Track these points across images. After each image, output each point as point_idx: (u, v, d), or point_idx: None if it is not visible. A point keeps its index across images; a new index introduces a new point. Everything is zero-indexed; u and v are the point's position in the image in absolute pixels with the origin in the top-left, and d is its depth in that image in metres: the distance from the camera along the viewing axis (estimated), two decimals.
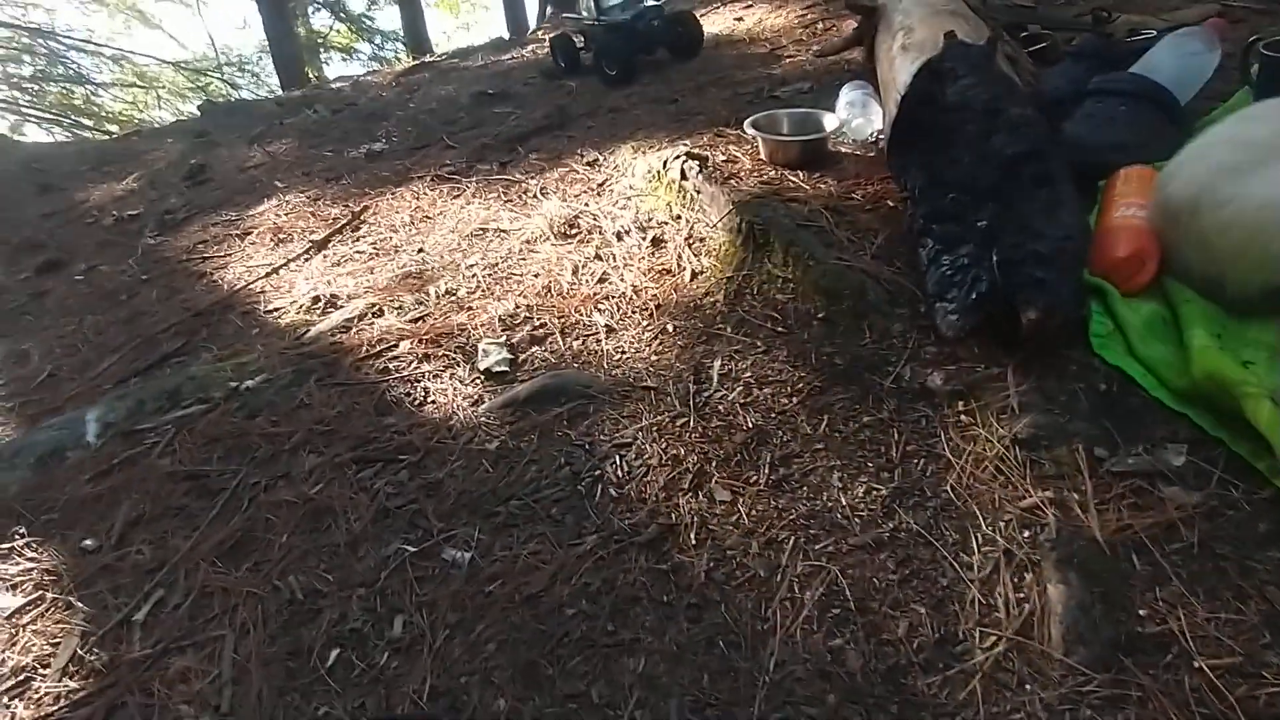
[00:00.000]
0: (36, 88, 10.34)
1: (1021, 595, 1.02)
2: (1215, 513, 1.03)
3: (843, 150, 2.07)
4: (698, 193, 1.95)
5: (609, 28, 3.40)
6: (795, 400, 1.37)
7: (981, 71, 1.55)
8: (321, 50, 11.72)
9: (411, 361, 1.73)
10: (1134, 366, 1.22)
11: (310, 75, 8.07)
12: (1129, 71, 1.85)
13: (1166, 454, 1.11)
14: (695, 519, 1.22)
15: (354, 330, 1.90)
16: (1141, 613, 0.96)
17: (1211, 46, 1.88)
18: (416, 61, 5.81)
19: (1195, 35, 1.90)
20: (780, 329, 1.53)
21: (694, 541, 1.19)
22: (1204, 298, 1.28)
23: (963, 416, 1.25)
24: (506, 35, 6.75)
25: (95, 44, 10.60)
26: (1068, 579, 1.00)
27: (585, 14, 3.59)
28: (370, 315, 1.95)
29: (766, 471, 1.27)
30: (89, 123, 10.15)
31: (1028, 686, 0.93)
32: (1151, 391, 1.19)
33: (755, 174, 1.97)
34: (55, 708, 1.17)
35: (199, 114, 5.64)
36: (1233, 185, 1.24)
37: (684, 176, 2.02)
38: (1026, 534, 1.08)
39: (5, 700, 1.21)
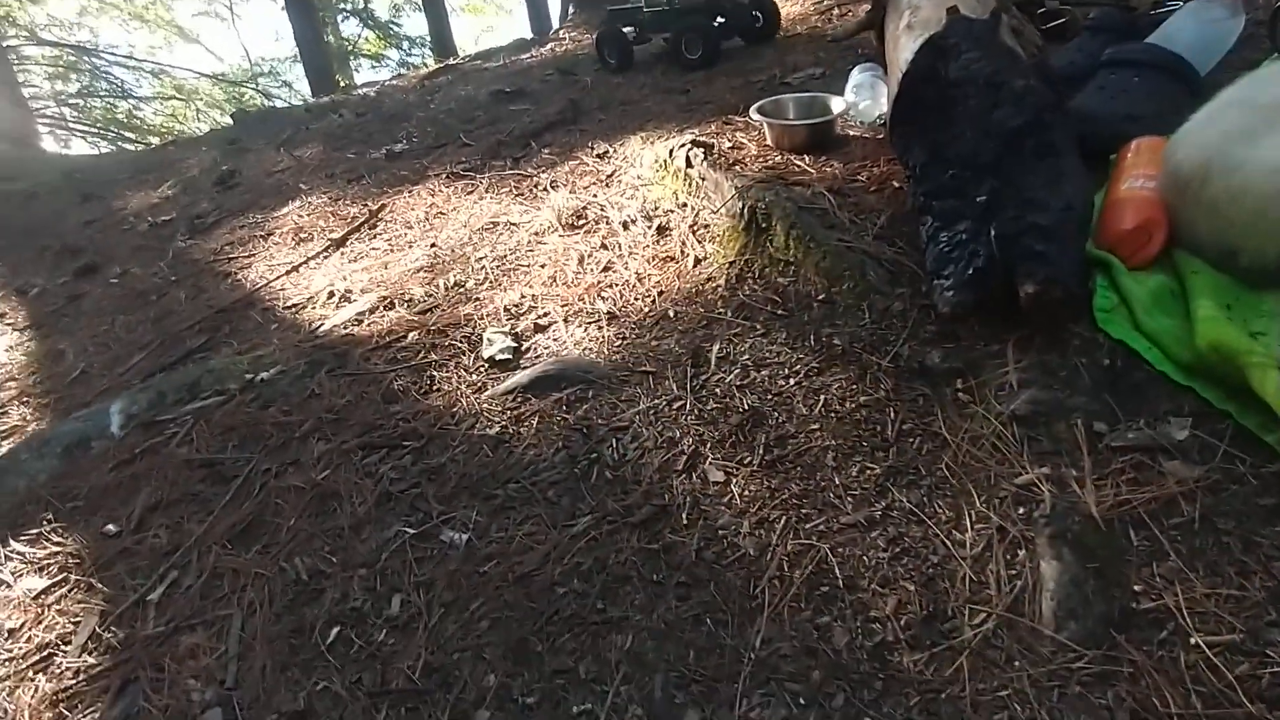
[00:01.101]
0: (82, 103, 10.79)
1: (1014, 572, 1.00)
2: (1218, 487, 1.00)
3: (851, 133, 2.04)
4: (702, 180, 1.95)
5: (686, 10, 3.21)
6: (792, 381, 1.36)
7: (985, 45, 1.51)
8: (351, 57, 11.99)
9: (419, 351, 1.76)
10: (1139, 340, 1.18)
11: (340, 82, 8.24)
12: (1145, 42, 1.79)
13: (1169, 428, 1.08)
14: (688, 500, 1.23)
15: (365, 323, 1.94)
16: (1137, 589, 0.94)
17: (1235, 13, 1.81)
18: (440, 65, 5.89)
19: (1217, 1, 1.83)
20: (780, 312, 1.52)
21: (686, 522, 1.19)
22: (1217, 269, 1.23)
23: (960, 394, 1.23)
24: (529, 36, 6.80)
25: (136, 59, 11.02)
26: (1061, 555, 0.98)
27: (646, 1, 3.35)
28: (381, 308, 1.99)
29: (761, 452, 1.26)
30: (132, 135, 10.55)
31: (1016, 663, 0.91)
32: (1157, 365, 1.15)
33: (760, 159, 1.96)
34: (74, 681, 1.23)
35: (232, 123, 5.80)
36: (1244, 150, 1.19)
37: (689, 164, 2.01)
38: (1021, 511, 1.05)
39: (30, 673, 1.27)
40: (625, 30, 3.51)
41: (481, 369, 1.65)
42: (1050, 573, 0.97)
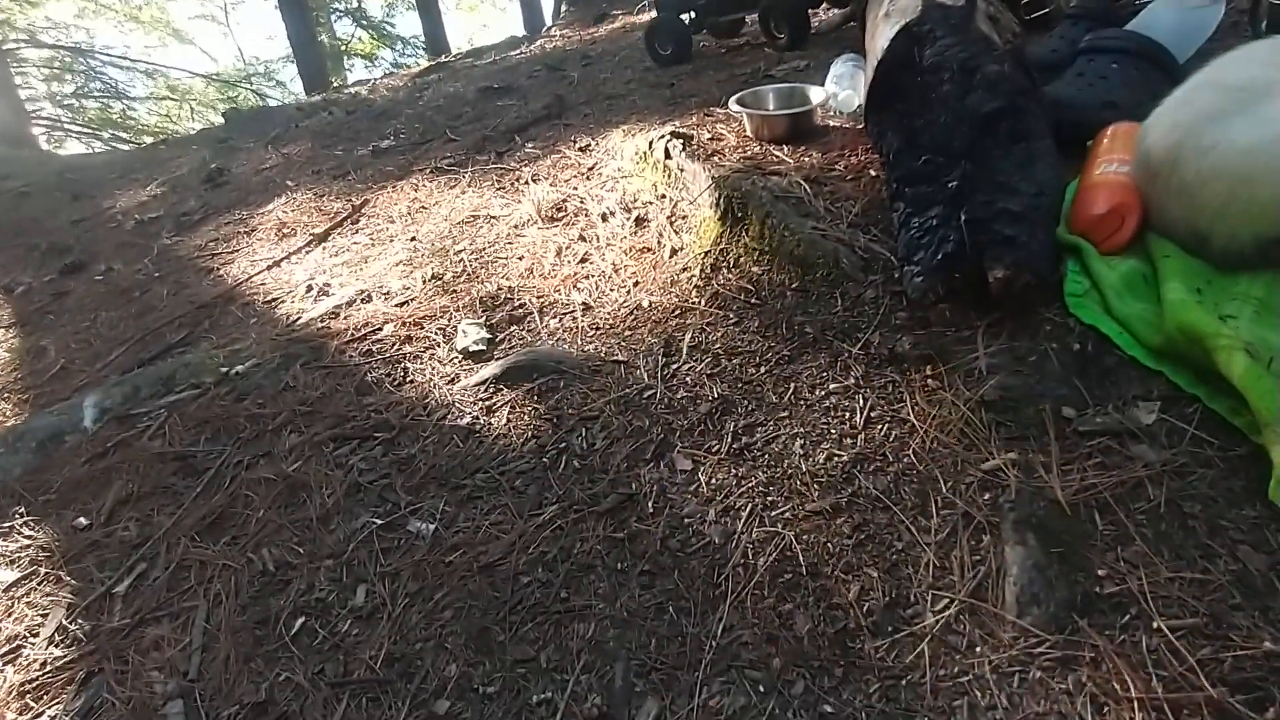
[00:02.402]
0: (77, 104, 10.79)
1: (977, 558, 0.98)
2: (1185, 471, 0.99)
3: (831, 123, 2.03)
4: (681, 170, 1.94)
5: None
6: (763, 370, 1.35)
7: (960, 31, 1.50)
8: (345, 57, 11.99)
9: (393, 344, 1.75)
10: (1109, 325, 1.17)
11: (333, 82, 8.24)
12: (1124, 29, 1.77)
13: (1138, 412, 1.06)
14: (655, 488, 1.21)
15: (342, 316, 1.93)
16: (1100, 573, 0.92)
17: (1214, 0, 1.80)
18: (432, 63, 5.89)
19: None
20: (754, 300, 1.51)
21: (652, 510, 1.18)
22: (1190, 253, 1.22)
23: (929, 381, 1.21)
24: (522, 33, 6.78)
25: (131, 60, 11.01)
26: (1025, 540, 0.96)
27: None
28: (359, 301, 1.98)
29: (729, 440, 1.25)
30: (126, 135, 10.54)
31: (977, 649, 0.90)
32: (1127, 350, 1.14)
33: (739, 150, 1.95)
34: (41, 673, 1.22)
35: (224, 121, 5.79)
36: (1216, 132, 1.18)
37: (668, 155, 2.00)
38: (987, 496, 1.04)
39: (0, 664, 1.26)
40: (682, 17, 3.17)
41: (455, 360, 1.64)
42: (1014, 558, 0.96)
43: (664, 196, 1.96)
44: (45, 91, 10.62)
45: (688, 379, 1.39)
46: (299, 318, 2.00)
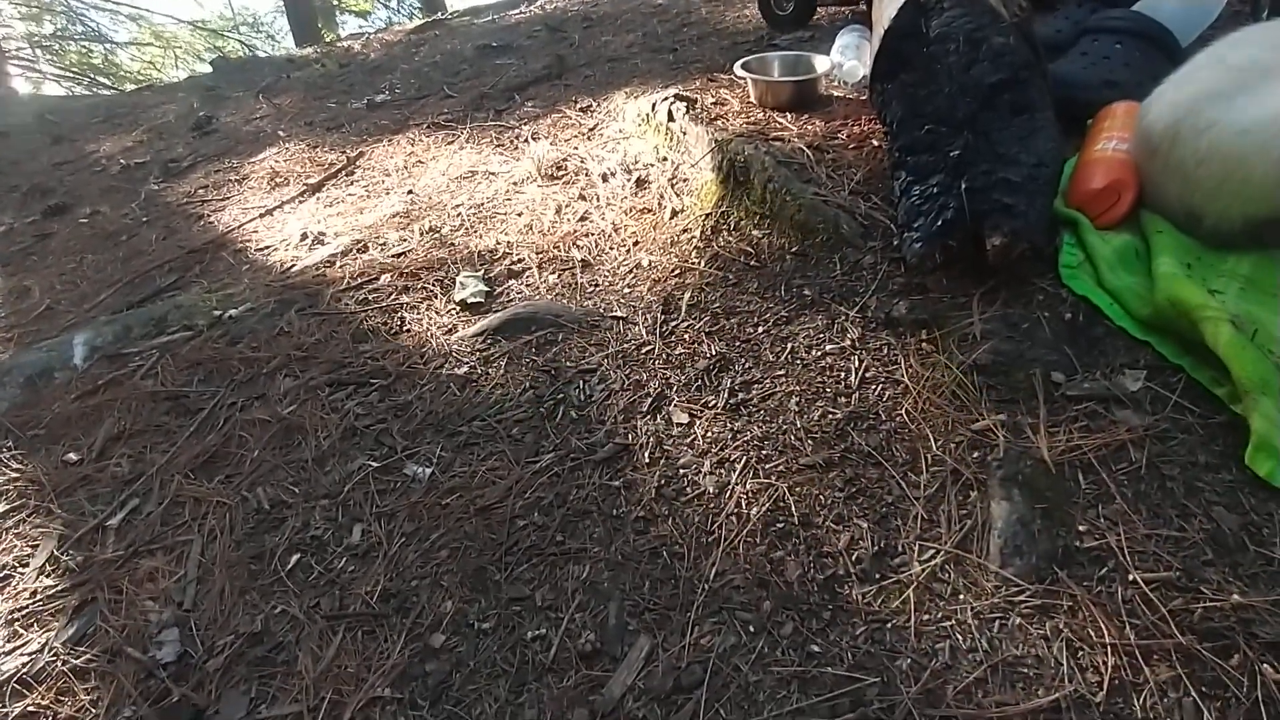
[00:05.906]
0: (56, 47, 10.43)
1: (964, 512, 1.02)
2: (1167, 435, 1.02)
3: (834, 93, 2.03)
4: (684, 133, 1.93)
5: None
6: (761, 329, 1.37)
7: (967, 3, 1.50)
8: (338, 13, 11.69)
9: (391, 293, 1.75)
10: (1101, 296, 1.20)
11: (325, 36, 8.04)
12: (1128, 9, 1.79)
13: (1124, 379, 1.10)
14: (651, 439, 1.23)
15: (338, 265, 1.92)
16: (1081, 528, 0.96)
17: None
18: (428, 20, 5.77)
19: None
20: (753, 263, 1.52)
21: (648, 460, 1.20)
22: (1182, 230, 1.25)
23: (925, 344, 1.24)
24: None
25: (114, 2, 10.65)
26: (1011, 496, 1.00)
27: None
28: (355, 251, 1.96)
29: (725, 396, 1.27)
30: (107, 81, 10.23)
31: (961, 596, 0.94)
32: (1117, 321, 1.17)
33: (743, 115, 1.94)
34: (31, 602, 1.22)
35: (211, 70, 5.64)
36: (1214, 111, 1.20)
37: (671, 118, 1.99)
38: (976, 455, 1.07)
39: None
40: None
41: (453, 311, 1.65)
42: (999, 513, 0.99)
43: (665, 159, 1.96)
44: (22, 32, 10.27)
45: (686, 336, 1.41)
46: (293, 265, 1.98)
